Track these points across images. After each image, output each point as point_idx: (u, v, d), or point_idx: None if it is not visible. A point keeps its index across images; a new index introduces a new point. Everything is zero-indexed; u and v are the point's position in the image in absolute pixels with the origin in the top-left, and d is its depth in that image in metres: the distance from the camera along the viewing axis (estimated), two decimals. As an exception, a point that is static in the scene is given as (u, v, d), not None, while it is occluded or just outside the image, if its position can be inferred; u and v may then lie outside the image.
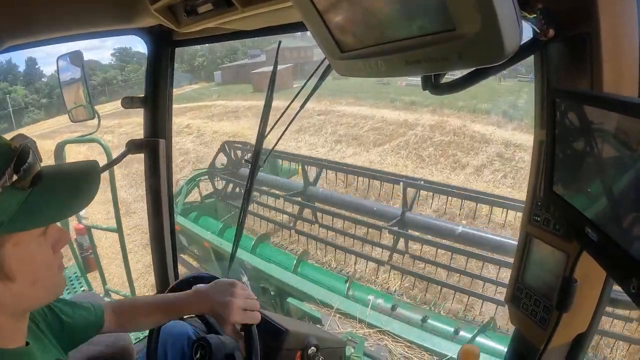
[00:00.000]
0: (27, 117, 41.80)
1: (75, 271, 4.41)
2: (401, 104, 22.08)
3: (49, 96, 45.11)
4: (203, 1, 1.22)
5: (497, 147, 14.48)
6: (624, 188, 0.52)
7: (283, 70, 33.42)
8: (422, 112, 19.74)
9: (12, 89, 44.44)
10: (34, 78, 48.70)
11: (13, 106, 40.66)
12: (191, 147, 17.80)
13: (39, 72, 49.71)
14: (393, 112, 20.55)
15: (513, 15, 0.53)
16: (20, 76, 48.20)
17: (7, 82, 44.91)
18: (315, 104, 24.00)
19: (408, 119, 18.98)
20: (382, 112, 20.98)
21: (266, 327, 1.51)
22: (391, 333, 3.63)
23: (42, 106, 44.21)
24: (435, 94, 0.85)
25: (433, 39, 0.61)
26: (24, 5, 1.26)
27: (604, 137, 0.56)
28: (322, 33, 0.82)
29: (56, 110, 39.80)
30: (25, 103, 43.89)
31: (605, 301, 0.90)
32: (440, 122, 17.86)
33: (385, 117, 19.95)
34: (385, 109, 21.44)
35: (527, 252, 0.94)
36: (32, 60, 48.88)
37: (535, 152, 0.88)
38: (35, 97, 45.13)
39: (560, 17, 0.69)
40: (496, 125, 16.99)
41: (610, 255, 0.54)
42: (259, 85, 33.31)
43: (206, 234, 5.47)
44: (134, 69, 52.85)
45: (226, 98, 32.68)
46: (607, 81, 0.70)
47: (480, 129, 16.61)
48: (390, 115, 20.13)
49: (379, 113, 20.78)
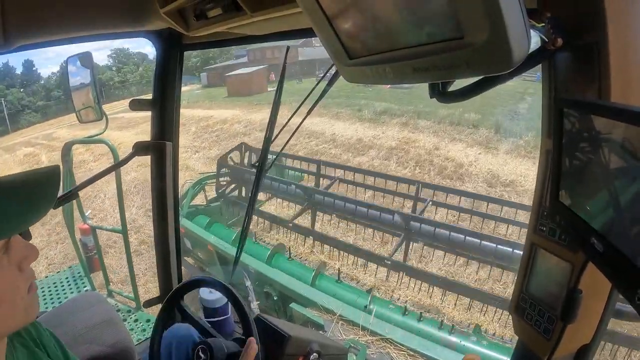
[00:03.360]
0: (24, 120, 41.68)
1: (79, 271, 4.45)
2: (369, 113, 18.32)
3: (46, 98, 45.50)
4: (213, 5, 1.23)
5: (477, 184, 10.03)
6: (630, 199, 0.52)
7: (254, 73, 31.66)
8: (390, 125, 16.24)
9: (8, 91, 44.42)
10: (31, 80, 48.79)
11: (9, 109, 40.99)
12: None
13: (36, 74, 49.99)
14: (352, 126, 16.91)
15: (521, 23, 0.53)
16: (17, 78, 48.33)
17: (4, 85, 44.99)
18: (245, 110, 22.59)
19: (365, 137, 15.15)
20: (338, 126, 17.11)
21: (268, 332, 1.51)
22: (394, 341, 3.61)
23: (39, 109, 44.26)
24: (443, 101, 0.85)
25: (441, 46, 0.61)
26: (36, 5, 1.28)
27: (611, 147, 0.56)
28: (331, 39, 0.82)
29: (56, 112, 40.72)
30: (22, 106, 43.79)
31: (610, 312, 0.89)
32: (406, 142, 13.91)
33: (337, 133, 16.07)
34: (344, 122, 17.71)
35: (532, 262, 0.94)
36: (29, 62, 49.13)
37: (541, 161, 0.88)
38: (31, 100, 45.05)
39: (569, 26, 0.69)
40: (483, 147, 12.60)
41: (615, 266, 0.54)
42: (234, 89, 30.76)
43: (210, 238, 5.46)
44: (130, 70, 53.47)
45: (193, 105, 28.07)
46: (615, 90, 0.70)
47: (457, 154, 12.19)
48: (347, 130, 16.33)
49: (334, 127, 16.89)
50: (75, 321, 1.67)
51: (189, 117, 22.23)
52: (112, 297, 4.07)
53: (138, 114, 2.24)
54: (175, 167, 2.07)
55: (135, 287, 3.77)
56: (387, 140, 14.49)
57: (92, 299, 1.84)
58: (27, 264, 0.75)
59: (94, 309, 1.76)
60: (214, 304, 2.05)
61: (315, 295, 4.27)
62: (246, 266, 4.66)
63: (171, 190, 2.08)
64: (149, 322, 3.45)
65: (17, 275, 0.73)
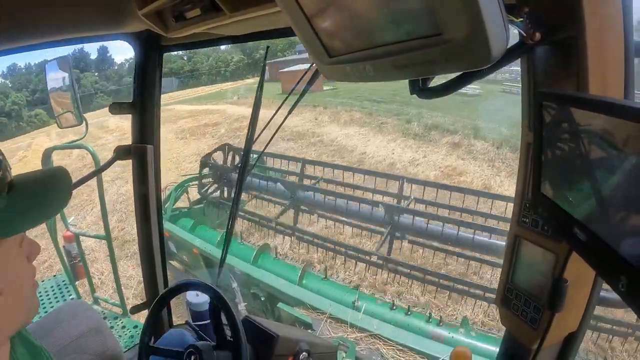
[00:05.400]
0: (96, 102, 45.44)
1: (64, 279, 4.36)
2: (418, 126, 15.07)
3: (118, 83, 51.77)
4: (191, 6, 1.22)
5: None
6: (611, 188, 0.53)
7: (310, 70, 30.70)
8: (438, 145, 12.90)
9: (82, 75, 49.73)
10: (104, 66, 55.24)
11: (82, 92, 43.81)
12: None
13: (110, 60, 56.67)
14: (391, 144, 13.90)
15: (500, 19, 0.53)
16: (91, 64, 54.45)
17: (79, 69, 50.31)
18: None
19: (400, 161, 12.09)
20: (375, 141, 14.38)
21: (257, 334, 1.51)
22: (383, 337, 3.63)
23: (111, 93, 49.51)
24: (423, 97, 0.85)
25: (420, 43, 0.61)
26: (9, 11, 1.25)
27: (590, 139, 0.57)
28: (310, 38, 0.82)
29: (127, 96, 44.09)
30: (95, 89, 49.24)
31: (595, 300, 0.91)
32: (450, 173, 10.89)
33: (368, 152, 13.35)
34: (384, 136, 14.78)
35: (517, 253, 0.95)
36: (103, 48, 56.00)
37: (522, 154, 0.89)
38: (104, 84, 51.12)
39: (547, 21, 0.70)
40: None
41: (599, 255, 0.55)
42: (288, 86, 27.34)
43: (195, 240, 5.41)
44: (199, 60, 58.30)
45: (241, 101, 27.47)
46: (593, 83, 0.71)
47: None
48: (381, 149, 13.45)
49: (368, 144, 14.16)
50: (61, 331, 1.65)
51: (229, 114, 21.84)
52: (98, 304, 4.01)
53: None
54: (157, 171, 2.05)
55: (121, 293, 3.72)
56: (425, 169, 11.25)
57: (77, 308, 1.82)
58: (33, 258, 0.80)
59: (80, 318, 1.73)
60: (201, 307, 2.03)
61: (302, 294, 4.27)
62: (232, 268, 4.64)
63: (154, 193, 2.06)
64: (137, 328, 3.41)
65: (26, 266, 0.78)
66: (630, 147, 0.48)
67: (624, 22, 0.71)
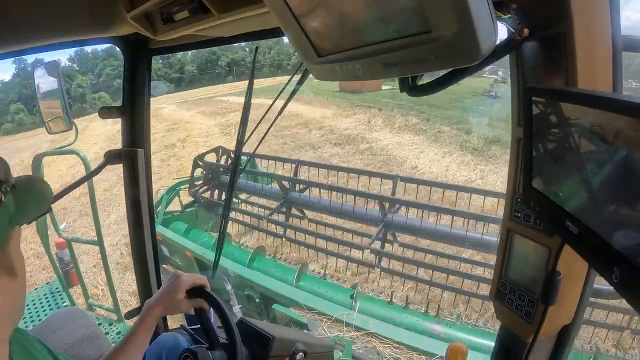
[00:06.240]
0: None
1: (57, 286, 4.32)
2: (477, 139, 13.28)
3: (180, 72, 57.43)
4: (179, 9, 1.21)
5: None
6: (601, 181, 0.53)
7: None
8: (498, 164, 11.10)
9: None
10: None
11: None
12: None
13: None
14: (446, 158, 12.37)
15: (488, 16, 0.53)
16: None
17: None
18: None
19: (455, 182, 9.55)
20: (429, 153, 12.87)
21: (252, 335, 1.50)
22: (379, 335, 3.63)
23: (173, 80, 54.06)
24: (413, 95, 0.86)
25: (409, 41, 0.61)
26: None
27: (580, 132, 0.57)
28: (299, 38, 0.82)
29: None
30: (158, 76, 52.44)
31: (588, 292, 0.92)
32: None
33: (419, 167, 11.72)
34: (440, 148, 13.30)
35: (510, 248, 0.96)
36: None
37: (513, 149, 0.90)
38: (167, 71, 54.79)
39: (535, 17, 0.70)
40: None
41: (591, 247, 0.55)
42: (346, 84, 25.83)
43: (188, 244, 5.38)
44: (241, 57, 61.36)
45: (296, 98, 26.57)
46: (581, 78, 0.71)
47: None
48: (434, 164, 11.95)
49: (421, 156, 12.59)
50: (56, 338, 1.64)
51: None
52: (93, 310, 3.98)
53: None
54: (148, 175, 2.03)
55: (115, 299, 3.70)
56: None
57: (72, 315, 1.81)
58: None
59: (75, 325, 1.72)
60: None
61: (298, 295, 4.25)
62: (226, 270, 4.62)
63: (145, 198, 2.05)
64: (132, 333, 3.39)
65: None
66: (620, 140, 0.48)
67: (611, 17, 0.72)
